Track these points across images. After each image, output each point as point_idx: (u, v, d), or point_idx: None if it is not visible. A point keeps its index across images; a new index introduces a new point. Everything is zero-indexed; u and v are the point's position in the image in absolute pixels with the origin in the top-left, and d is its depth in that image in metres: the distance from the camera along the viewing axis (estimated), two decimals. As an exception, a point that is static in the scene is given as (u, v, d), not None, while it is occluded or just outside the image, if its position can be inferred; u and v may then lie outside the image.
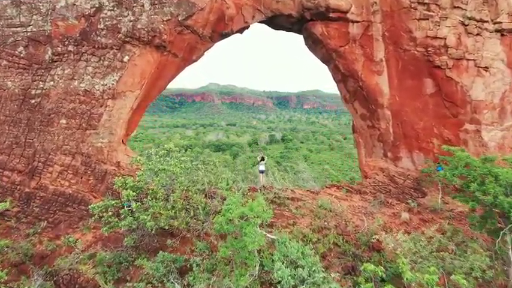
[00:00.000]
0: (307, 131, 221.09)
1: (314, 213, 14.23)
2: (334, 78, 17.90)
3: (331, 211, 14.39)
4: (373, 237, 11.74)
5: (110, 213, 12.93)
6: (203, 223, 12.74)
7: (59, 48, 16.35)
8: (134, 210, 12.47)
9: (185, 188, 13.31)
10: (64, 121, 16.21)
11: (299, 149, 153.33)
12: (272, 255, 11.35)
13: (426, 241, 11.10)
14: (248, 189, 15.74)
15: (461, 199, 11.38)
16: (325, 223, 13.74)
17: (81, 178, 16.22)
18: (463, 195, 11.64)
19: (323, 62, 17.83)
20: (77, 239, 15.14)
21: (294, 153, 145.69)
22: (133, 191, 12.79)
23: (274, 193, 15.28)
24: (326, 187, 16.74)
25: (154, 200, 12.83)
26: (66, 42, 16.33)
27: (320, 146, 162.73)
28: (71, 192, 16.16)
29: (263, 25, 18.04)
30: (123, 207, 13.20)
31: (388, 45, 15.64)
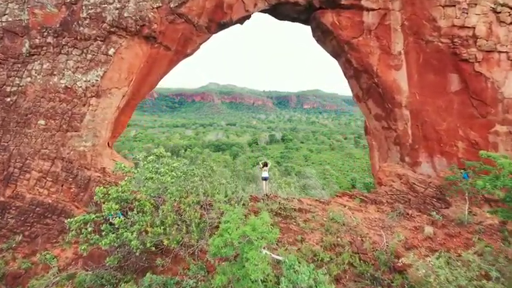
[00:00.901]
0: (307, 130, 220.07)
1: (325, 228, 12.45)
2: (345, 74, 16.10)
3: (344, 225, 12.61)
4: (400, 260, 9.94)
5: (90, 228, 11.15)
6: (197, 241, 10.93)
7: (37, 40, 14.55)
8: (117, 225, 10.70)
9: (177, 199, 11.50)
10: (42, 122, 14.41)
11: (299, 149, 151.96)
12: (278, 278, 9.62)
13: (462, 264, 9.31)
14: (249, 199, 13.95)
15: (504, 215, 9.58)
16: (338, 239, 11.96)
17: (62, 186, 14.45)
18: (505, 209, 9.83)
19: (333, 56, 16.02)
20: (55, 256, 13.39)
21: (294, 153, 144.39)
22: (116, 204, 11.02)
23: (279, 203, 13.49)
24: (337, 196, 14.96)
25: (140, 214, 11.06)
26: (45, 34, 14.53)
27: (320, 146, 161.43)
28: (50, 201, 14.39)
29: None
30: (107, 221, 11.42)
31: (407, 36, 13.84)
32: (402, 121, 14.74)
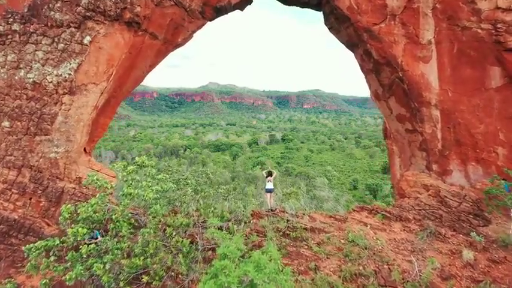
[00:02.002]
0: (307, 130, 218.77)
1: (343, 252, 10.26)
2: (361, 68, 13.89)
3: (366, 248, 10.41)
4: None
5: (53, 258, 8.98)
6: (187, 273, 8.72)
7: (1, 28, 12.34)
8: (85, 254, 8.52)
9: (162, 219, 9.31)
10: (7, 124, 12.23)
11: (300, 149, 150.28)
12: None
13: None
14: (251, 215, 11.75)
15: None
16: (360, 267, 9.78)
17: (30, 199, 12.29)
18: None
19: (348, 47, 13.81)
20: (19, 285, 11.20)
21: (294, 153, 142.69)
22: (84, 227, 8.83)
23: (287, 221, 11.29)
24: (354, 210, 12.79)
25: (115, 240, 8.87)
26: (11, 20, 12.33)
27: (321, 146, 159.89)
28: (16, 217, 12.21)
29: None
30: (73, 248, 9.22)
31: (440, 22, 11.65)
32: (430, 123, 12.56)
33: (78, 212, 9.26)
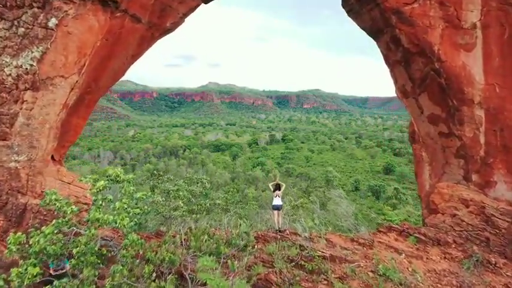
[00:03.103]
0: (307, 130, 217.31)
1: (373, 290, 8.05)
2: (387, 59, 11.70)
3: (401, 284, 8.22)
4: None
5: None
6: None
7: (-49, 9, 10.15)
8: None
9: (140, 251, 7.12)
10: (-43, 126, 10.03)
11: (300, 150, 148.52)
12: None
13: None
14: (256, 239, 9.55)
15: None
16: (397, 311, 7.59)
17: (-14, 218, 10.08)
18: None
19: (370, 34, 11.60)
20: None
21: (295, 153, 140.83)
22: (36, 264, 6.63)
23: (300, 247, 9.10)
24: (380, 231, 10.59)
25: (77, 281, 6.68)
26: (-37, 0, 10.14)
27: (321, 146, 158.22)
28: (-31, 240, 10.00)
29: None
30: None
31: (487, 1, 9.49)
32: (472, 125, 10.38)
33: (32, 241, 7.08)
